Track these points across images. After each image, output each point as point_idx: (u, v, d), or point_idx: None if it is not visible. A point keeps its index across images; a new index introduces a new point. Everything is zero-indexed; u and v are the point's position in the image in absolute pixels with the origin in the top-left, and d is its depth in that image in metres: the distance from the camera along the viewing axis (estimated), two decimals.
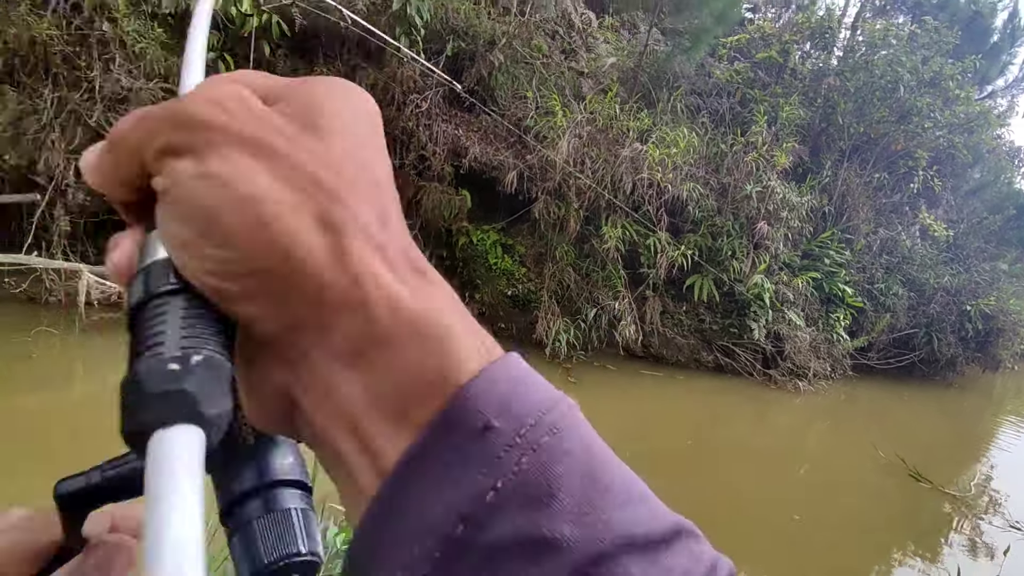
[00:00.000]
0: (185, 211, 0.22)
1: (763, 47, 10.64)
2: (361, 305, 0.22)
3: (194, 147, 0.22)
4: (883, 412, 9.72)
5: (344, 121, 0.25)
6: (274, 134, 0.23)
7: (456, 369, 0.22)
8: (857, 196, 10.81)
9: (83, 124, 6.34)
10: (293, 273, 0.21)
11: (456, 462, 0.21)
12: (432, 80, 8.27)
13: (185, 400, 0.18)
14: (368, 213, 0.23)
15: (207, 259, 0.22)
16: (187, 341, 0.20)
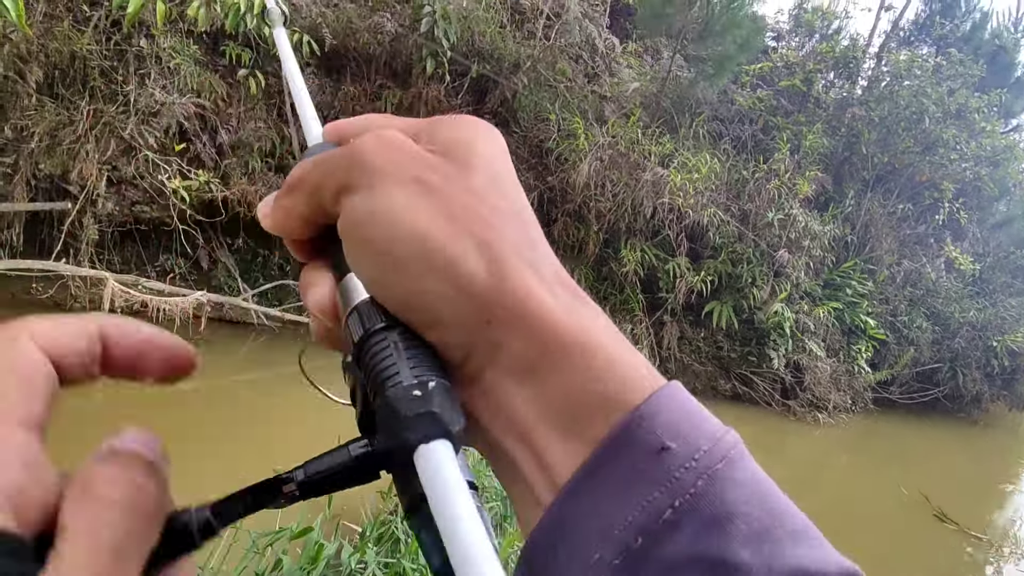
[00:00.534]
0: (367, 250, 0.25)
1: (786, 75, 10.65)
2: (526, 324, 0.24)
3: (366, 185, 0.25)
4: (905, 448, 9.47)
5: (483, 156, 0.27)
6: (429, 171, 0.25)
7: (627, 390, 0.23)
8: (880, 226, 10.68)
9: (116, 136, 6.50)
10: (461, 295, 0.24)
11: (633, 479, 0.22)
12: (457, 101, 8.39)
13: (436, 420, 0.21)
14: (518, 238, 0.25)
15: (394, 291, 0.25)
16: (416, 370, 0.23)
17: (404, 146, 0.26)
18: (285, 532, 2.52)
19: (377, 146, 0.26)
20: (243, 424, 5.50)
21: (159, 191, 6.82)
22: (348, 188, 0.26)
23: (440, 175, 0.25)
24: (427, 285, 0.24)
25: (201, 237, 7.57)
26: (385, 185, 0.25)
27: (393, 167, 0.25)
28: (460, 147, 0.27)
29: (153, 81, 6.48)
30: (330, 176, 0.26)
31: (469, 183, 0.26)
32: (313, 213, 0.27)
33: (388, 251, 0.24)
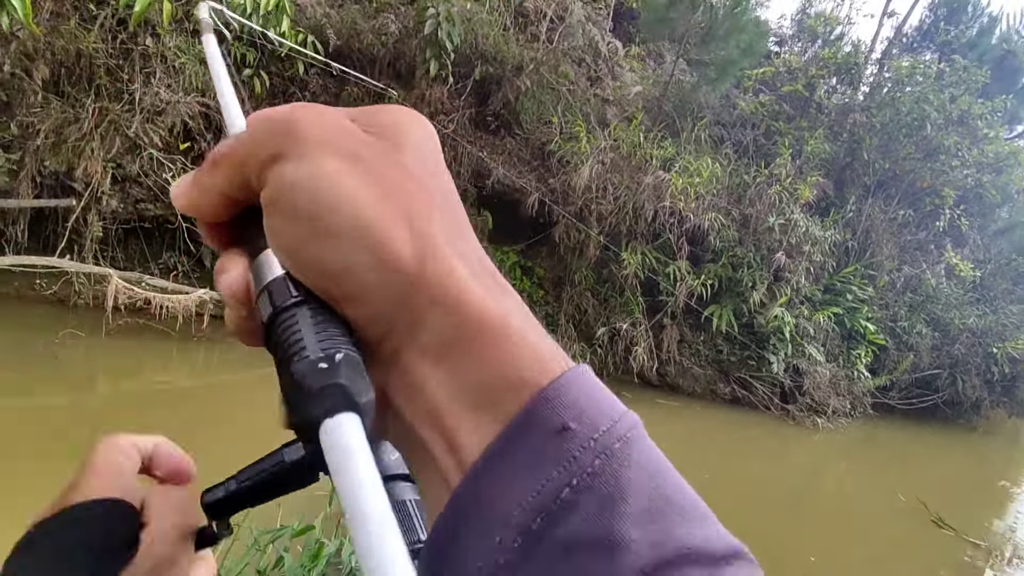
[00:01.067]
0: (293, 213, 0.24)
1: (789, 80, 10.68)
2: (447, 304, 0.24)
3: (299, 154, 0.25)
4: (903, 454, 9.48)
5: (415, 137, 0.27)
6: (364, 146, 0.26)
7: (536, 372, 0.24)
8: (881, 232, 10.70)
9: (122, 134, 6.54)
10: (386, 270, 0.24)
11: (535, 459, 0.22)
12: (459, 103, 8.42)
13: (343, 392, 0.21)
14: (447, 220, 0.26)
15: (317, 260, 0.24)
16: (324, 343, 0.23)
17: (340, 121, 0.26)
18: (286, 530, 2.54)
19: (314, 117, 0.26)
20: (244, 421, 5.52)
21: (163, 189, 6.85)
22: (280, 156, 0.25)
23: (375, 151, 0.26)
24: (353, 257, 0.24)
25: None
26: (320, 154, 0.24)
27: (329, 138, 0.25)
28: (393, 128, 0.27)
29: (158, 80, 6.53)
30: (260, 145, 0.25)
31: (402, 160, 0.26)
32: (235, 188, 0.27)
33: (317, 219, 0.24)
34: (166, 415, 5.29)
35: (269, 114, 0.27)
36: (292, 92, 7.63)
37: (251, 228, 0.27)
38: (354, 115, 0.28)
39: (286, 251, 0.25)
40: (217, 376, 6.48)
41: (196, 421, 5.29)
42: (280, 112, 0.26)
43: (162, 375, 6.31)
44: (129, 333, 6.61)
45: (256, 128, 0.26)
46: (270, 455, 0.28)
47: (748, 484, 6.90)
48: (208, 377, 6.46)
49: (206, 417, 5.44)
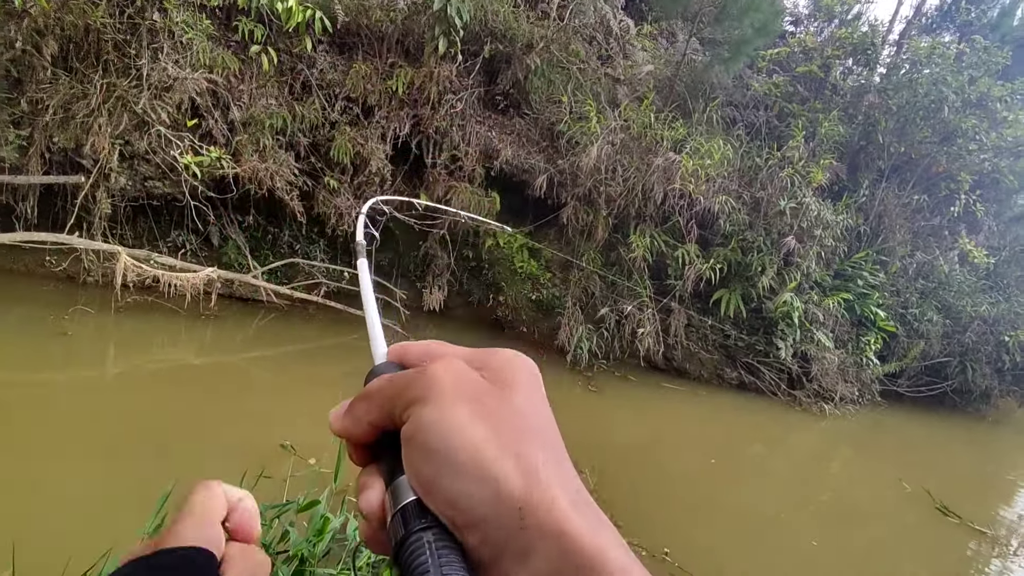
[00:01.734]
0: (428, 451, 0.30)
1: (804, 61, 10.48)
2: (553, 535, 0.28)
3: (434, 399, 0.31)
4: (911, 441, 9.44)
5: (523, 382, 0.34)
6: (485, 394, 0.32)
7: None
8: (894, 217, 10.55)
9: (129, 111, 6.52)
10: (500, 503, 0.28)
11: None
12: (468, 81, 8.33)
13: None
14: (548, 456, 0.31)
15: (445, 491, 0.29)
16: (445, 569, 0.27)
17: (466, 372, 0.33)
18: (292, 505, 2.56)
19: (447, 370, 0.32)
20: (251, 399, 5.57)
21: (171, 167, 6.85)
22: (419, 400, 0.32)
23: (492, 396, 0.32)
24: (474, 488, 0.29)
25: (212, 213, 7.61)
26: (450, 401, 0.31)
27: (458, 388, 0.32)
28: (505, 373, 0.34)
29: (166, 56, 6.48)
30: (405, 389, 0.33)
31: (513, 403, 0.32)
32: (381, 419, 0.34)
33: (445, 455, 0.30)
34: (174, 392, 5.33)
35: (409, 353, 0.38)
36: (300, 69, 7.56)
37: (388, 453, 0.33)
38: (472, 357, 0.35)
39: (419, 480, 0.31)
40: (225, 355, 6.52)
41: (203, 398, 5.33)
42: (419, 353, 0.38)
43: (171, 352, 6.36)
44: (138, 310, 6.66)
45: (403, 375, 0.34)
46: None
47: (753, 469, 6.90)
48: (216, 355, 6.49)
49: (213, 395, 5.48)
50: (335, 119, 7.81)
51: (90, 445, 4.01)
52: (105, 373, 5.59)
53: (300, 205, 7.65)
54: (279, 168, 7.34)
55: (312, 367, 6.66)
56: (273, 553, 2.40)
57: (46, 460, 3.74)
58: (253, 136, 7.21)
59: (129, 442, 4.13)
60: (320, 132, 7.79)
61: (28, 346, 5.57)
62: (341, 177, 7.99)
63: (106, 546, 2.16)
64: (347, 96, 7.81)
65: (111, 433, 4.26)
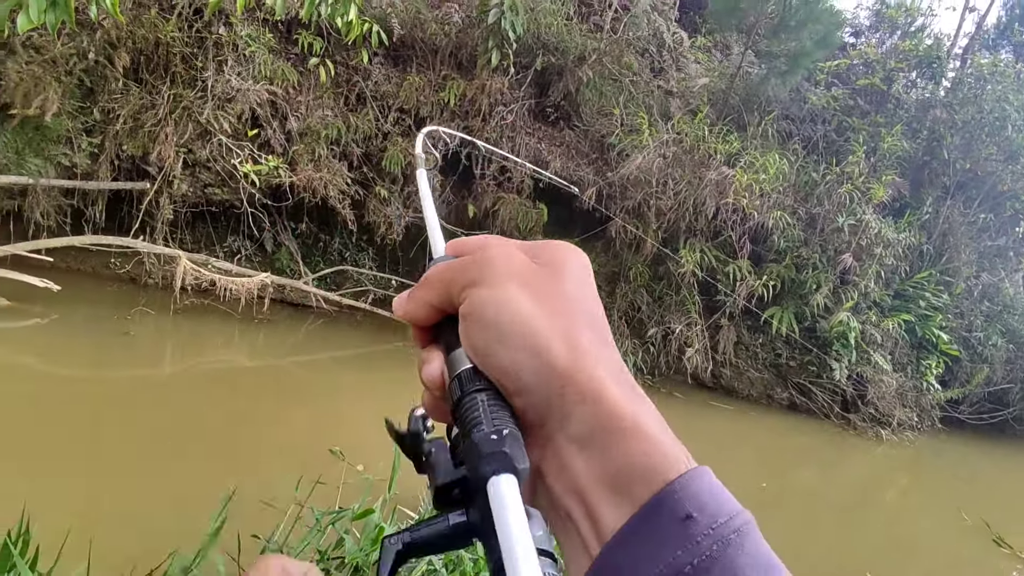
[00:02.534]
0: (483, 325, 0.33)
1: (864, 73, 10.15)
2: (590, 402, 0.30)
3: (489, 281, 0.34)
4: (971, 471, 8.95)
5: (572, 271, 0.36)
6: (535, 277, 0.34)
7: (666, 467, 0.29)
8: (959, 236, 10.07)
9: (194, 120, 6.76)
10: (547, 373, 0.31)
11: (663, 538, 0.27)
12: (519, 93, 8.36)
13: (506, 458, 0.28)
14: (593, 336, 0.33)
15: (497, 360, 0.32)
16: (497, 421, 0.30)
17: (519, 258, 0.35)
18: (347, 512, 2.56)
19: (500, 254, 0.35)
20: (300, 402, 5.66)
21: (230, 174, 7.07)
22: (476, 282, 0.34)
23: (542, 280, 0.34)
24: (522, 357, 0.31)
25: (267, 220, 7.82)
26: (504, 283, 0.33)
27: (511, 271, 0.34)
28: (556, 262, 0.36)
29: (230, 68, 6.71)
30: (463, 273, 0.35)
31: (561, 289, 0.34)
32: (441, 302, 0.36)
33: (499, 328, 0.32)
34: (227, 393, 5.46)
35: (466, 246, 0.39)
36: (355, 81, 7.72)
37: (447, 331, 0.36)
38: (528, 247, 0.37)
39: (474, 350, 0.33)
40: (276, 358, 6.66)
41: (255, 400, 5.45)
42: (475, 245, 0.39)
43: (224, 354, 6.53)
44: (194, 312, 6.87)
45: (460, 261, 0.36)
46: (436, 518, 0.34)
47: (804, 494, 6.65)
48: (267, 359, 6.64)
49: (265, 397, 5.59)
50: (388, 130, 7.94)
51: (150, 442, 4.13)
52: (162, 372, 5.78)
53: (351, 213, 7.79)
54: (332, 177, 7.50)
55: (359, 372, 6.74)
56: (328, 559, 2.41)
57: (106, 456, 3.86)
58: (309, 146, 7.39)
59: (185, 441, 4.24)
60: (373, 142, 7.93)
61: (93, 344, 5.80)
62: (391, 187, 8.11)
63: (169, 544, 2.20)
64: (400, 107, 7.94)
65: (169, 431, 4.38)
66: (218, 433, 4.48)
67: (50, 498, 3.05)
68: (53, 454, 3.72)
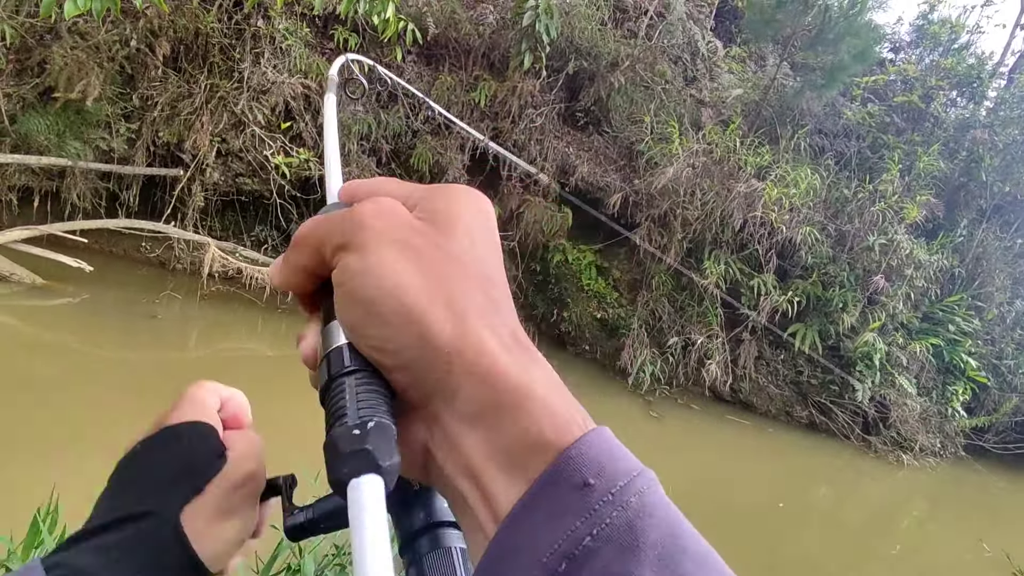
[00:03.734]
0: (353, 299, 0.29)
1: (903, 90, 9.95)
2: (478, 375, 0.27)
3: (360, 245, 0.29)
4: (994, 501, 8.73)
5: (465, 223, 0.32)
6: (414, 235, 0.30)
7: (558, 434, 0.26)
8: (994, 261, 9.82)
9: (229, 111, 6.88)
10: (428, 348, 0.28)
11: (560, 511, 0.25)
12: (550, 96, 8.35)
13: (368, 456, 0.25)
14: (482, 300, 0.29)
15: (371, 337, 0.29)
16: (363, 411, 0.26)
17: (396, 212, 0.31)
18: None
19: (373, 211, 0.30)
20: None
21: (261, 165, 7.17)
22: (345, 246, 0.30)
23: (423, 238, 0.30)
24: (399, 337, 0.28)
25: (295, 212, 7.92)
26: (376, 245, 0.29)
27: (385, 230, 0.29)
28: (443, 214, 0.31)
29: (266, 60, 6.81)
30: (331, 234, 0.30)
31: (446, 246, 0.30)
32: (315, 266, 0.32)
33: (371, 303, 0.28)
34: (248, 380, 5.52)
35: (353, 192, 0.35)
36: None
37: (327, 301, 0.31)
38: (417, 197, 0.33)
39: (347, 326, 0.30)
40: (296, 349, 6.73)
41: (275, 390, 5.52)
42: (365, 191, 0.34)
43: (247, 342, 6.62)
44: (220, 299, 6.98)
45: (330, 218, 0.31)
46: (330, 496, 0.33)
47: (821, 516, 6.54)
48: (288, 349, 6.72)
49: (284, 387, 5.65)
50: (417, 128, 7.99)
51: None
52: (188, 356, 5.89)
53: None
54: (361, 172, 7.56)
55: None
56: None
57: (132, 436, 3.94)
58: (339, 140, 7.46)
59: None
60: (402, 140, 7.99)
61: (122, 325, 5.93)
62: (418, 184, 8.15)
63: None
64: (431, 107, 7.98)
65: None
66: None
67: (78, 476, 3.12)
68: (81, 433, 3.81)
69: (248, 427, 0.50)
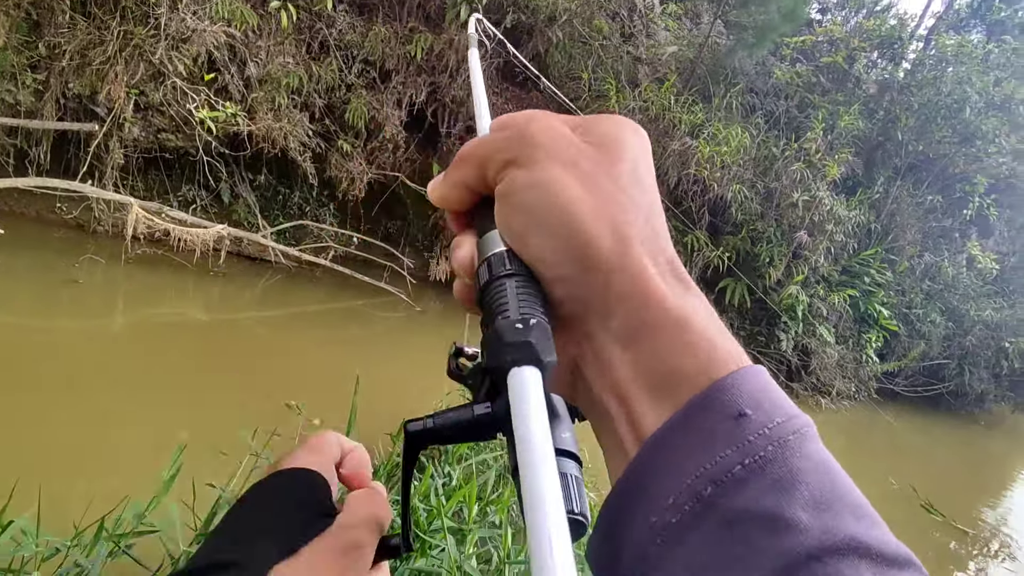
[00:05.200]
0: (520, 208, 0.29)
1: (829, 51, 10.30)
2: (636, 298, 0.28)
3: (530, 160, 0.30)
4: (902, 439, 9.54)
5: (629, 151, 0.31)
6: (583, 157, 0.30)
7: (714, 364, 0.26)
8: (906, 216, 10.49)
9: (146, 60, 6.44)
10: (589, 265, 0.28)
11: (710, 438, 0.25)
12: (488, 51, 8.20)
13: (531, 349, 0.25)
14: (645, 226, 0.30)
15: (534, 247, 0.29)
16: (524, 309, 0.27)
17: (565, 133, 0.31)
18: None
19: (543, 129, 0.31)
20: (256, 357, 5.62)
21: (185, 120, 6.80)
22: (514, 161, 0.30)
23: (592, 162, 0.30)
24: (563, 246, 0.28)
25: (224, 170, 7.58)
26: (546, 162, 0.29)
27: (554, 148, 0.30)
28: (611, 141, 0.31)
29: (184, 6, 6.38)
30: (500, 151, 0.31)
31: (613, 172, 0.30)
32: (477, 182, 0.32)
33: (539, 214, 0.29)
34: (182, 346, 5.38)
35: (508, 122, 0.33)
36: (319, 28, 7.45)
37: (483, 215, 0.32)
38: (577, 123, 0.32)
39: (510, 234, 0.30)
40: (232, 313, 6.55)
41: (210, 354, 5.38)
42: (517, 120, 0.32)
43: (179, 306, 6.39)
44: (147, 263, 6.68)
45: (498, 135, 0.32)
46: (463, 406, 0.33)
47: None
48: (223, 313, 6.54)
49: (220, 351, 5.53)
50: (351, 81, 7.73)
51: (100, 393, 4.07)
52: (114, 323, 5.64)
53: (312, 167, 7.61)
54: (293, 128, 7.29)
55: (317, 330, 6.70)
56: None
57: (55, 405, 3.80)
58: (269, 94, 7.14)
59: (138, 392, 4.19)
60: (336, 94, 7.71)
61: (37, 292, 5.61)
62: (354, 141, 7.93)
63: (120, 492, 2.22)
64: (365, 59, 7.72)
65: (120, 382, 4.31)
66: (171, 385, 4.43)
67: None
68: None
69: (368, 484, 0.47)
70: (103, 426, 3.62)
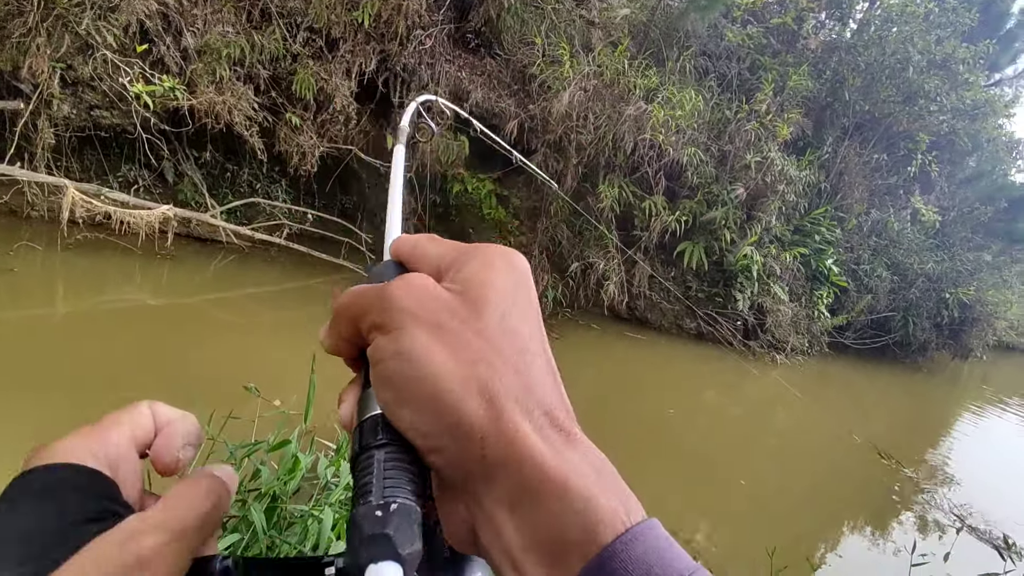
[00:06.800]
0: (387, 381, 0.29)
1: (779, 12, 10.38)
2: (513, 463, 0.27)
3: (393, 325, 0.29)
4: (853, 390, 10.00)
5: (494, 293, 0.31)
6: (447, 315, 0.29)
7: (601, 527, 0.26)
8: (854, 175, 10.79)
9: (71, 32, 6.04)
10: (461, 435, 0.27)
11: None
12: (438, 16, 7.98)
13: (388, 542, 0.24)
14: (515, 382, 0.29)
15: (404, 420, 0.28)
16: (389, 490, 0.26)
17: (428, 290, 0.30)
18: (262, 444, 2.56)
19: (405, 291, 0.30)
20: (212, 341, 5.47)
21: (120, 96, 6.43)
22: (377, 327, 0.30)
23: (457, 318, 0.29)
24: (434, 422, 0.28)
25: (166, 148, 7.24)
26: (410, 327, 0.29)
27: (418, 311, 0.29)
28: (476, 287, 0.31)
29: None
30: (364, 313, 0.31)
31: (478, 325, 0.29)
32: (353, 338, 0.32)
33: (404, 387, 0.28)
34: (131, 333, 5.19)
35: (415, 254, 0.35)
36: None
37: (367, 365, 0.31)
38: (449, 263, 0.33)
39: (381, 403, 0.29)
40: (183, 296, 6.34)
41: (162, 340, 5.21)
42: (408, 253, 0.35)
43: (125, 292, 6.14)
44: (88, 248, 6.38)
45: (362, 296, 0.32)
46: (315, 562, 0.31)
47: (707, 414, 7.21)
48: (174, 297, 6.31)
49: (172, 336, 5.36)
50: (297, 51, 7.42)
51: (45, 385, 3.90)
52: (55, 312, 5.39)
53: (260, 142, 7.33)
54: (237, 102, 6.98)
55: (274, 310, 6.55)
56: (245, 491, 2.42)
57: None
58: (209, 66, 6.80)
59: (85, 381, 4.03)
60: (281, 65, 7.40)
61: None
62: (304, 114, 7.66)
63: None
64: (310, 27, 7.41)
65: (66, 373, 4.14)
66: (122, 373, 4.28)
67: None
68: None
69: (172, 471, 0.35)
70: (48, 421, 3.47)
